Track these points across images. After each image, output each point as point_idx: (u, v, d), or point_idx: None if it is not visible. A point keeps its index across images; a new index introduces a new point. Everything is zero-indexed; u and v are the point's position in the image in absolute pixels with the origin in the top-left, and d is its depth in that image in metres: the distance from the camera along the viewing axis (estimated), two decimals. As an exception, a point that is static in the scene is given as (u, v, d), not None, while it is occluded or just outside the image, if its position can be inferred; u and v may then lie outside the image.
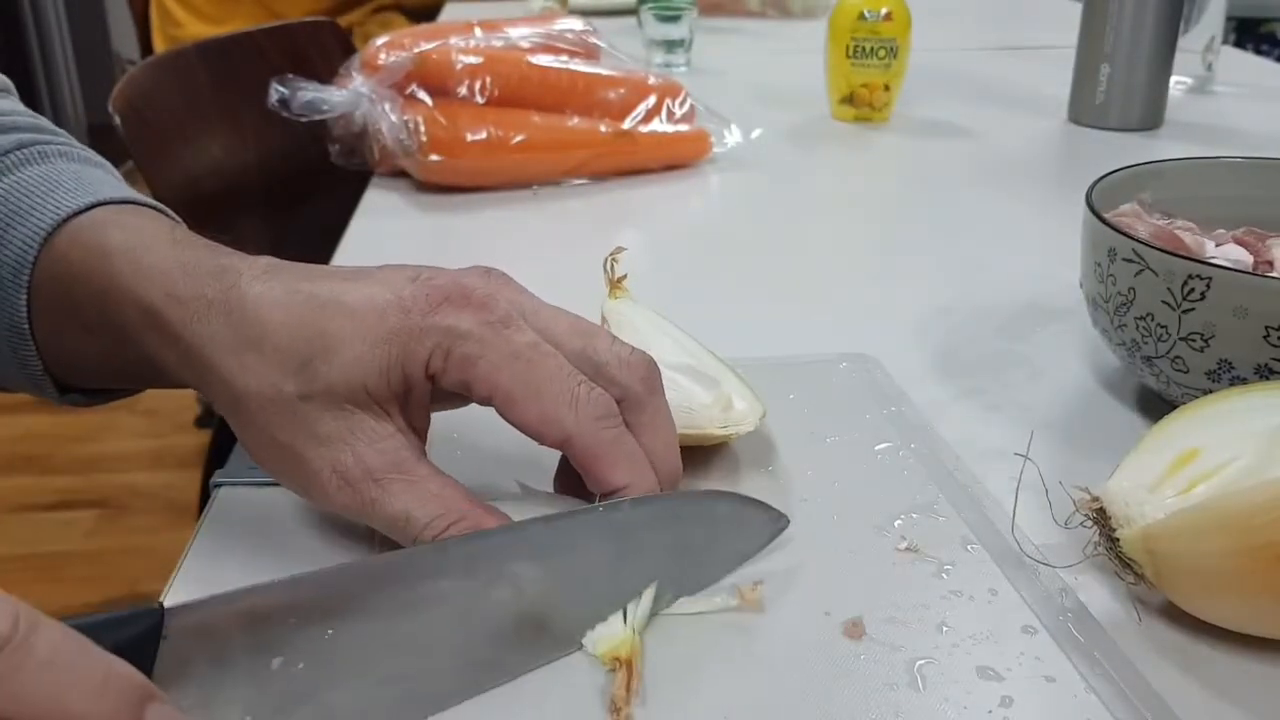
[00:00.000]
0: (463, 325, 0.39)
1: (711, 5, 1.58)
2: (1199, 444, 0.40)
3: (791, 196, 0.91)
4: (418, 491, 0.39)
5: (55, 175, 0.47)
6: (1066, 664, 0.37)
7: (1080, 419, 0.55)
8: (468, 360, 0.39)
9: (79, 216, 0.45)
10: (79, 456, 2.12)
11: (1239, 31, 2.08)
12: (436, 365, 0.39)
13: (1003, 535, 0.44)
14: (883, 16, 1.04)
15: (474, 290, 0.40)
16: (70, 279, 0.44)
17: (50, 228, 0.45)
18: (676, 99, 0.94)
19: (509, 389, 0.39)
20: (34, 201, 0.46)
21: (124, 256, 0.43)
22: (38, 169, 0.48)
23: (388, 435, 0.39)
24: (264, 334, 0.39)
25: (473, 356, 0.39)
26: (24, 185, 0.46)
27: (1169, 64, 1.02)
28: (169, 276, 0.42)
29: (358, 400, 0.39)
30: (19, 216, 0.45)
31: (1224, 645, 0.39)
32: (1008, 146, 1.02)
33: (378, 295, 0.40)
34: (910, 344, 0.62)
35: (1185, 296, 0.48)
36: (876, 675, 0.37)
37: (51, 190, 0.46)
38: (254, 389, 0.39)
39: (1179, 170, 0.60)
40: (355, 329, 0.39)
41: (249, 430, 0.41)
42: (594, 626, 0.38)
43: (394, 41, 0.94)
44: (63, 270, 0.44)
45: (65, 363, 0.48)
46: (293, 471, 0.40)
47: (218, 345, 0.40)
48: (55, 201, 0.46)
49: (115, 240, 0.44)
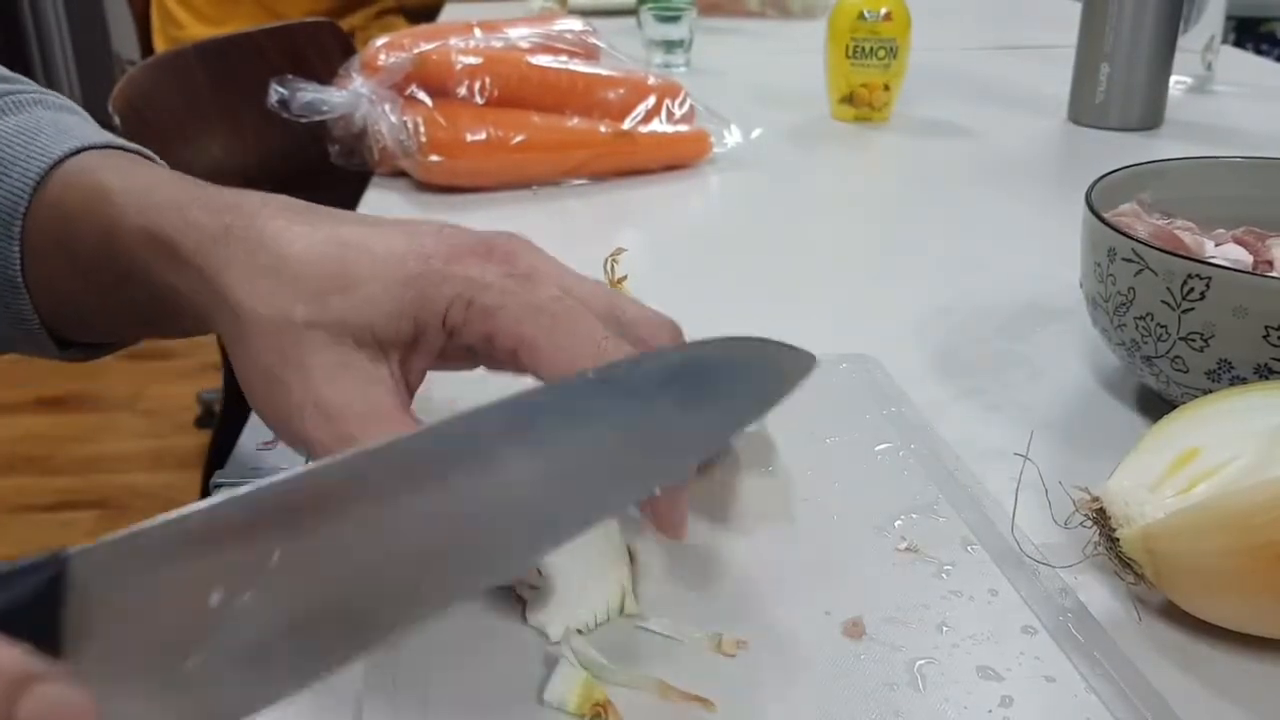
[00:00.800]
0: (486, 277, 0.38)
1: (711, 5, 1.58)
2: (1199, 443, 0.40)
3: (791, 196, 0.91)
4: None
5: (35, 124, 0.47)
6: (1066, 664, 0.37)
7: (1080, 419, 0.55)
8: (489, 311, 0.38)
9: (67, 161, 0.45)
10: (79, 457, 2.12)
11: (1239, 31, 2.08)
12: (456, 316, 0.38)
13: (1003, 535, 0.44)
14: (882, 16, 1.04)
15: (498, 245, 0.40)
16: (66, 223, 0.44)
17: (39, 175, 0.44)
18: (676, 99, 0.94)
19: (533, 339, 0.38)
20: (17, 151, 0.45)
21: (127, 195, 0.42)
22: (15, 119, 0.47)
23: (379, 380, 0.39)
24: (282, 263, 0.39)
25: (493, 308, 0.38)
26: (4, 135, 0.46)
27: (1169, 63, 1.02)
28: (182, 207, 0.41)
29: (361, 339, 0.38)
30: (3, 168, 0.45)
31: (1224, 645, 0.39)
32: (1007, 146, 1.02)
33: (399, 241, 0.39)
34: (910, 344, 0.62)
35: (1185, 296, 0.48)
36: (876, 675, 0.37)
37: (34, 138, 0.45)
38: (262, 313, 0.39)
39: (1179, 170, 0.60)
40: (374, 269, 0.39)
41: (246, 357, 0.40)
42: (553, 669, 0.36)
43: (393, 42, 0.94)
44: (57, 215, 0.44)
45: (62, 314, 0.47)
46: (277, 402, 0.39)
47: (233, 269, 0.39)
48: (40, 148, 0.45)
49: (114, 181, 0.43)
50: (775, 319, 0.66)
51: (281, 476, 0.28)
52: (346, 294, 0.38)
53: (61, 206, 0.44)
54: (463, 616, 0.39)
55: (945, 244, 0.79)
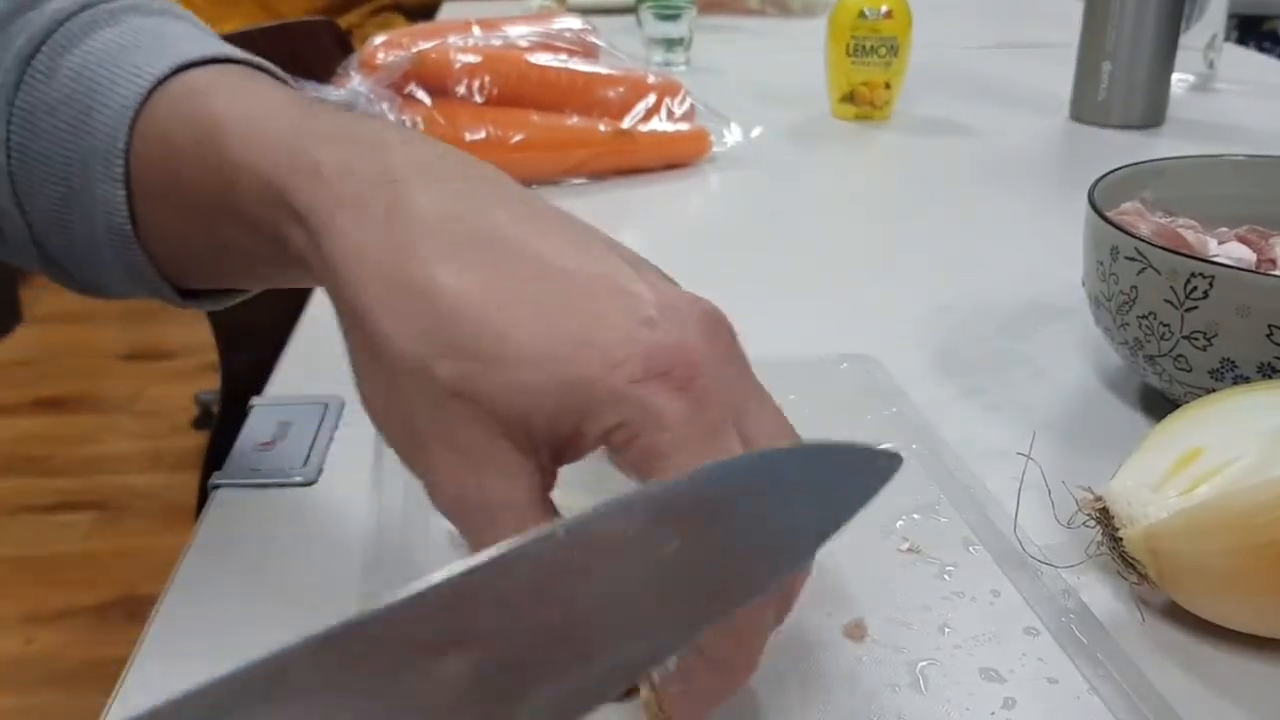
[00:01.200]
0: (667, 416, 0.31)
1: (711, 3, 1.58)
2: (1202, 443, 0.40)
3: (792, 195, 0.91)
4: None
5: (131, 37, 0.40)
6: (1069, 665, 0.37)
7: (1082, 418, 0.55)
8: (654, 453, 0.31)
9: (169, 82, 0.38)
10: (77, 458, 2.12)
11: (1241, 29, 2.08)
12: (618, 440, 0.31)
13: (1005, 536, 0.43)
14: (883, 14, 1.04)
15: (699, 371, 0.31)
16: (174, 160, 0.37)
17: (136, 103, 0.38)
18: (676, 98, 0.94)
19: None
20: (112, 74, 0.38)
21: (237, 126, 0.36)
22: (108, 33, 0.40)
23: (523, 473, 0.32)
24: (428, 284, 0.31)
25: (662, 453, 0.31)
26: (96, 57, 0.39)
27: (1171, 62, 1.02)
28: (300, 147, 0.34)
29: (510, 428, 0.31)
30: (98, 94, 0.38)
31: (1227, 645, 0.38)
32: (1009, 145, 1.02)
33: (578, 322, 0.31)
34: (910, 344, 0.62)
35: (1188, 295, 0.47)
36: (878, 677, 0.37)
37: (127, 56, 0.39)
38: (397, 346, 0.31)
39: (1181, 168, 0.60)
40: (542, 348, 0.31)
41: (374, 380, 0.33)
42: None
43: (392, 41, 0.94)
44: (163, 150, 0.38)
45: (180, 261, 0.41)
46: (408, 455, 0.33)
47: (365, 265, 0.32)
48: (134, 70, 0.38)
49: (221, 107, 0.36)
50: (775, 318, 0.66)
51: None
52: (500, 369, 0.31)
53: (166, 138, 0.38)
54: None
55: (946, 243, 0.79)
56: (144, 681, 0.38)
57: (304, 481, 0.48)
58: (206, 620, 0.40)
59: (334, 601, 0.40)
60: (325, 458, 0.49)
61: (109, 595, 1.75)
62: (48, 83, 0.40)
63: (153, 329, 2.56)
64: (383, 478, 0.47)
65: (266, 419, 0.52)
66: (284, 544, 0.44)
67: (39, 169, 0.40)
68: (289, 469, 0.48)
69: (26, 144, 0.40)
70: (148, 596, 0.63)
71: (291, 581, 0.42)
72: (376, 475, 0.47)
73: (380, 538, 0.43)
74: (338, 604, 0.40)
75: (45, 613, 1.72)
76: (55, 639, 1.67)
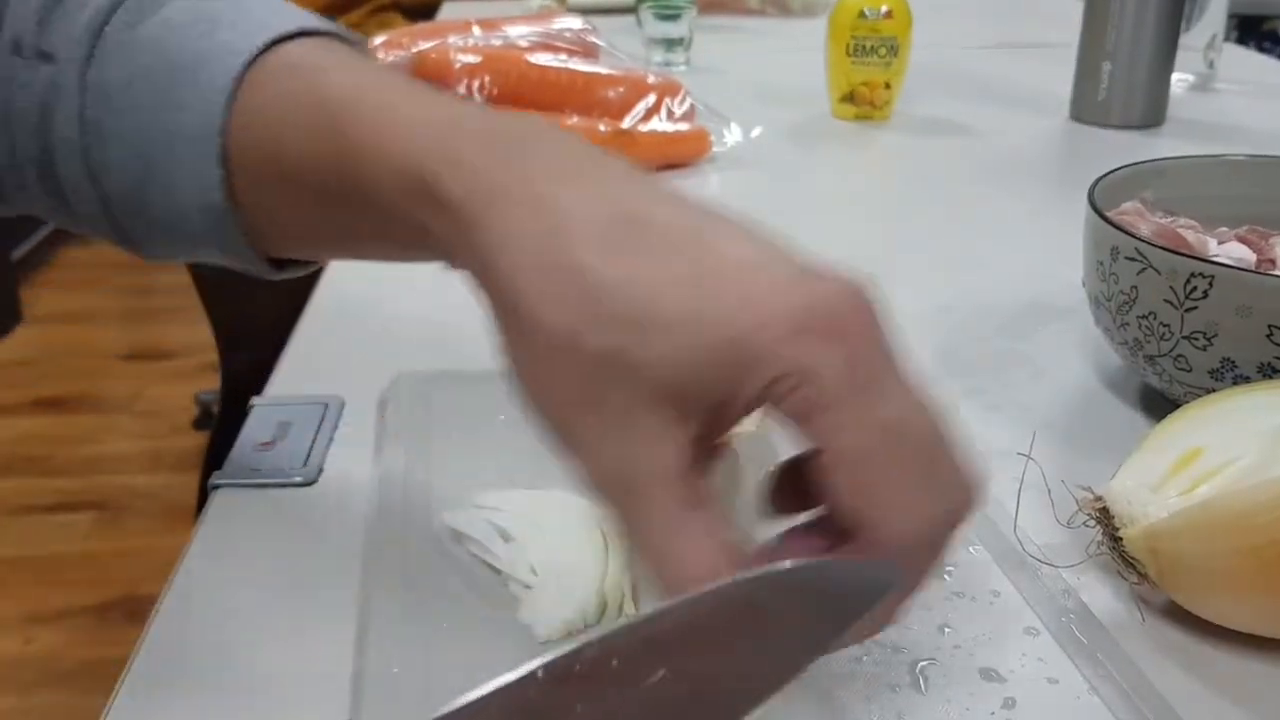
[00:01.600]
0: (823, 369, 0.31)
1: (711, 3, 1.57)
2: (1202, 443, 0.40)
3: (792, 195, 0.91)
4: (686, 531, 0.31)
5: (210, 9, 0.39)
6: (1069, 665, 0.37)
7: (1082, 418, 0.55)
8: (810, 404, 0.31)
9: (263, 58, 0.37)
10: (77, 458, 2.12)
11: (1241, 29, 2.08)
12: (776, 393, 0.31)
13: (1005, 536, 0.43)
14: (883, 14, 1.04)
15: (849, 327, 0.32)
16: (280, 141, 0.37)
17: (231, 83, 0.37)
18: (676, 98, 0.94)
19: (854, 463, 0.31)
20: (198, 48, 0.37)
21: (363, 112, 0.35)
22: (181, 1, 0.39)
23: (675, 445, 0.32)
24: (579, 265, 0.32)
25: (823, 405, 0.31)
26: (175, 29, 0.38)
27: (1171, 61, 1.02)
28: (442, 137, 0.34)
29: (662, 397, 0.31)
30: (182, 72, 0.37)
31: (1227, 645, 0.38)
32: (1009, 145, 1.02)
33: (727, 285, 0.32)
34: (910, 343, 0.61)
35: (1188, 295, 0.47)
36: (879, 677, 0.37)
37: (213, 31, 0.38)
38: (548, 322, 0.32)
39: (1181, 168, 0.60)
40: (692, 313, 0.31)
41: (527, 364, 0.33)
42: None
43: (392, 41, 0.94)
44: (269, 135, 0.37)
45: (277, 237, 0.40)
46: (562, 434, 0.33)
47: (518, 256, 0.32)
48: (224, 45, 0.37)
49: (335, 90, 0.36)
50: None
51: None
52: (653, 336, 0.31)
53: (270, 118, 0.37)
54: (460, 608, 0.39)
55: (946, 243, 0.79)
56: (144, 681, 0.38)
57: (304, 481, 0.48)
58: (206, 620, 0.40)
59: (334, 601, 0.40)
60: (325, 458, 0.49)
61: (109, 595, 1.75)
62: (122, 56, 0.39)
63: (153, 329, 2.56)
64: (383, 478, 0.47)
65: (266, 419, 0.52)
66: (284, 544, 0.44)
67: (115, 144, 0.39)
68: (289, 469, 0.48)
69: (101, 120, 0.39)
70: (148, 596, 0.63)
71: (291, 581, 0.42)
72: (376, 475, 0.47)
73: (380, 538, 0.43)
74: (338, 604, 0.40)
75: (45, 613, 1.72)
76: (55, 639, 1.67)
